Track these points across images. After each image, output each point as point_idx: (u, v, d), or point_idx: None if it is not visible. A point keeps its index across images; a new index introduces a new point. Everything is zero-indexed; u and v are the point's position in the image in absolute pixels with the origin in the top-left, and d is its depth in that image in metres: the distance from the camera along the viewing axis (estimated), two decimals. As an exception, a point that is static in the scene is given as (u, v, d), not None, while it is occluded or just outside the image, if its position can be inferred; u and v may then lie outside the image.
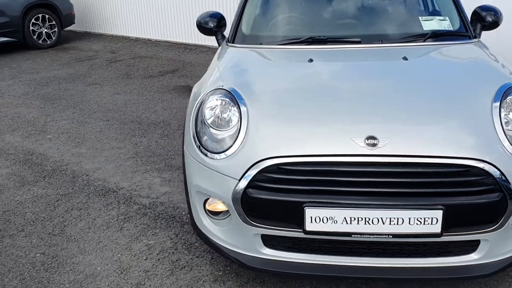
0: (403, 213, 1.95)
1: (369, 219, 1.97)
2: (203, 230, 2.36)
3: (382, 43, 2.80)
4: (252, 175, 2.05)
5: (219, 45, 3.39)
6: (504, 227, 2.01)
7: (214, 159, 2.20)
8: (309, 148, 2.04)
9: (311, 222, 2.01)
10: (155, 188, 3.42)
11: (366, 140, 2.00)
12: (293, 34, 2.95)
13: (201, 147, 2.26)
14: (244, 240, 2.21)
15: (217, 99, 2.34)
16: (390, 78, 2.42)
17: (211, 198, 2.30)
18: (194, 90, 2.69)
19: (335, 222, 1.99)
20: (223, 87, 2.38)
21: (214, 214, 2.33)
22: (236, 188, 2.08)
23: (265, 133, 2.15)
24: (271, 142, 2.10)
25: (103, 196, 3.34)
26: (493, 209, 1.96)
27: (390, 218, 1.96)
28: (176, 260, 2.61)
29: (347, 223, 1.99)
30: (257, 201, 2.06)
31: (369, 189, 1.97)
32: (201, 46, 8.57)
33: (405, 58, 2.55)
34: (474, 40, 2.91)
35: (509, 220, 2.01)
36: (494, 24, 3.17)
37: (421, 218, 1.95)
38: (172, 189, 3.40)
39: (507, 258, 2.12)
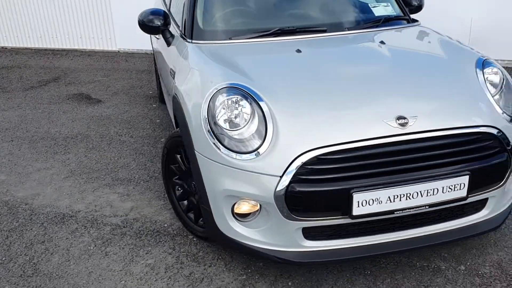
0: (437, 184, 2.11)
1: (410, 194, 2.09)
2: (232, 236, 2.25)
3: (347, 30, 2.93)
4: (295, 170, 2.02)
5: (168, 44, 3.21)
6: (506, 183, 2.30)
7: (244, 160, 2.11)
8: (346, 135, 2.08)
9: (358, 206, 2.06)
10: (118, 205, 3.12)
11: (397, 120, 2.11)
12: (261, 26, 2.92)
13: (226, 149, 2.14)
14: (285, 236, 2.17)
15: (225, 99, 2.22)
16: (385, 60, 2.56)
17: (237, 202, 2.20)
18: (183, 94, 2.51)
19: (380, 202, 2.07)
20: (228, 85, 2.28)
21: (241, 217, 2.24)
22: (279, 185, 2.04)
23: (297, 126, 2.13)
24: (306, 134, 2.09)
25: (61, 223, 2.94)
26: (503, 168, 2.24)
27: (427, 190, 2.10)
28: (190, 274, 2.44)
29: (390, 201, 2.08)
30: (302, 195, 2.04)
31: (407, 166, 2.09)
32: (72, 50, 7.89)
33: (382, 42, 2.72)
34: (418, 22, 3.20)
35: (510, 176, 2.30)
36: (418, 8, 3.52)
37: (452, 185, 2.13)
38: (137, 203, 3.14)
39: (506, 209, 2.43)
